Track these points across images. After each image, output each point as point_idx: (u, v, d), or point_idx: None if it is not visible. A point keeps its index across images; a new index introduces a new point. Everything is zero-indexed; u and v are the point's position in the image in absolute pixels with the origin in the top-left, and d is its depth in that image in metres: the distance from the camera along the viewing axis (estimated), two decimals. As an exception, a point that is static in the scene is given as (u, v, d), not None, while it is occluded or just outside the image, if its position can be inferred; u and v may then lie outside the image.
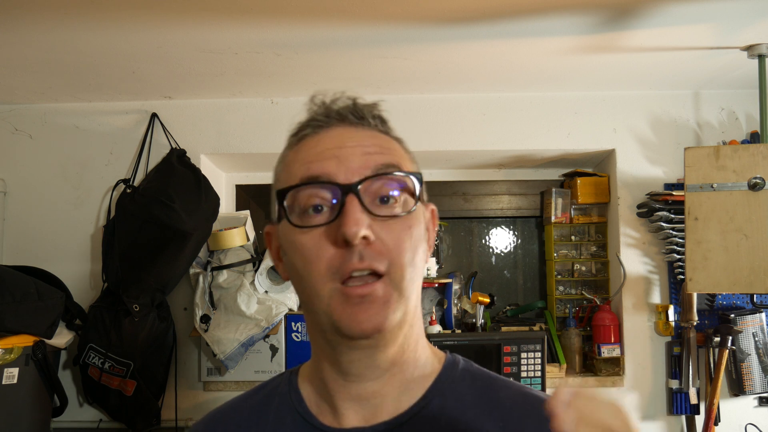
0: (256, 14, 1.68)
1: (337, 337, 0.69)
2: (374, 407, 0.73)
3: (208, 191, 2.26)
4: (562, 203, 2.58)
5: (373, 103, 0.76)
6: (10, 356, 1.93)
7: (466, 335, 2.37)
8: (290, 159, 0.74)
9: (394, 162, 0.71)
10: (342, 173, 0.68)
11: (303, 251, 0.68)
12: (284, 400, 0.78)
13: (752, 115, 2.36)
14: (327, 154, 0.70)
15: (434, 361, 0.78)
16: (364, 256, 0.66)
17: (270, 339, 2.25)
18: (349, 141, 0.71)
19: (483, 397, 0.75)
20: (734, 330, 2.19)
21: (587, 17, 1.72)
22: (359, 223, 0.65)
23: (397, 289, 0.68)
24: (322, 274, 0.67)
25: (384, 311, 0.67)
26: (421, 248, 0.71)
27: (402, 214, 0.69)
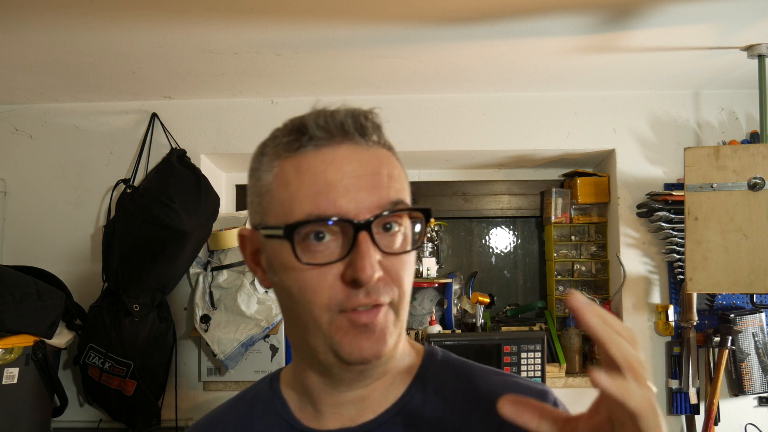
0: (256, 14, 1.68)
1: (333, 360, 0.69)
2: (359, 410, 0.74)
3: (208, 191, 2.26)
4: (562, 203, 2.58)
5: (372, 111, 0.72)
6: (10, 356, 1.93)
7: (466, 335, 2.37)
8: (289, 176, 0.68)
9: (399, 195, 0.69)
10: (353, 207, 0.65)
11: (303, 280, 0.67)
12: (268, 407, 0.79)
13: (752, 115, 2.36)
14: (336, 185, 0.66)
15: (413, 354, 0.79)
16: (371, 291, 0.65)
17: (270, 339, 2.25)
18: (357, 167, 0.67)
19: (464, 386, 0.76)
20: (734, 330, 2.19)
21: (587, 17, 1.72)
22: (375, 267, 0.64)
23: (396, 313, 0.69)
24: (323, 304, 0.66)
25: (384, 338, 0.67)
26: (413, 268, 0.72)
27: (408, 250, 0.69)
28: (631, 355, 0.52)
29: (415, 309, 2.54)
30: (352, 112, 0.69)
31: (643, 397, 0.51)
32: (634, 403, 0.51)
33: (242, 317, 2.20)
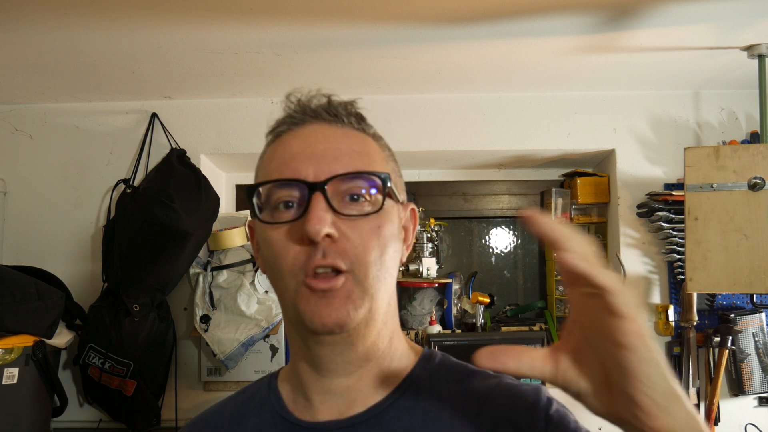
0: (256, 14, 1.68)
1: (304, 331, 0.71)
2: (349, 401, 0.75)
3: (208, 191, 2.26)
4: (562, 203, 2.58)
5: (350, 101, 0.78)
6: (10, 356, 1.93)
7: (466, 335, 2.37)
8: (267, 156, 0.76)
9: (364, 165, 0.72)
10: (312, 172, 0.69)
11: (273, 246, 0.70)
12: (264, 401, 0.80)
13: (752, 115, 2.36)
14: (299, 155, 0.71)
15: (410, 355, 0.79)
16: (327, 253, 0.67)
17: (270, 339, 2.25)
18: (323, 140, 0.72)
19: (459, 387, 0.76)
20: (734, 330, 2.19)
21: (587, 17, 1.72)
22: (321, 221, 0.66)
23: (360, 285, 0.69)
24: (289, 269, 0.69)
25: (345, 306, 0.68)
26: (391, 247, 0.72)
27: (369, 212, 0.70)
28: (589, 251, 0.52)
29: (415, 309, 2.54)
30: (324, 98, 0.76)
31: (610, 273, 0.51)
32: (602, 277, 0.50)
33: (242, 317, 2.20)
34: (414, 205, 0.81)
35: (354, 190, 0.70)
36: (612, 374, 0.54)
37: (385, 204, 0.71)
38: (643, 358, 0.52)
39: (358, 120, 0.77)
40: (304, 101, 0.77)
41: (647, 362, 0.52)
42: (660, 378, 0.53)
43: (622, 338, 0.51)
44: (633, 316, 0.51)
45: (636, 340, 0.51)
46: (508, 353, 0.56)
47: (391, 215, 0.73)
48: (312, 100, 0.77)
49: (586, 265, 0.50)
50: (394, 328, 0.78)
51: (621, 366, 0.52)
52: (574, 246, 0.51)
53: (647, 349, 0.52)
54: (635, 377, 0.52)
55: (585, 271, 0.50)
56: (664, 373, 0.53)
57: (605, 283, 0.50)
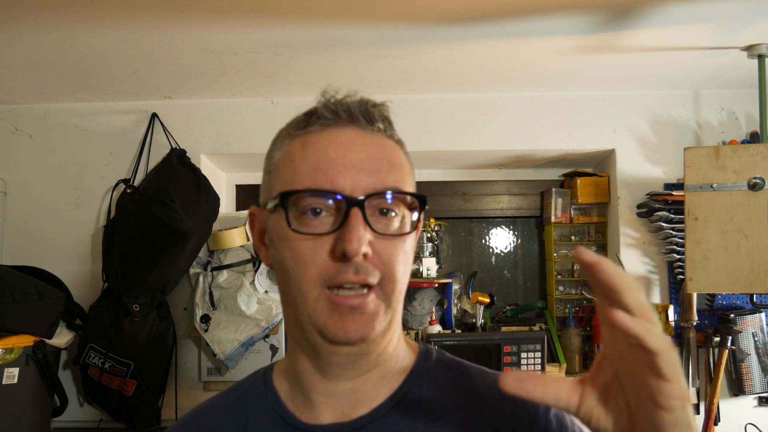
0: (256, 14, 1.68)
1: (319, 340, 0.70)
2: (351, 403, 0.74)
3: (208, 191, 2.26)
4: (562, 203, 2.58)
5: (383, 104, 0.76)
6: (10, 356, 1.93)
7: (466, 335, 2.37)
8: (295, 153, 0.71)
9: (398, 181, 0.70)
10: (349, 185, 0.67)
11: (297, 253, 0.68)
12: (260, 399, 0.78)
13: (752, 115, 2.36)
14: (336, 163, 0.68)
15: (409, 353, 0.79)
16: (360, 269, 0.66)
17: (270, 339, 2.24)
18: (359, 149, 0.70)
19: (458, 385, 0.76)
20: (734, 330, 2.19)
21: (587, 17, 1.72)
22: (362, 240, 0.65)
23: (387, 300, 0.69)
24: (313, 279, 0.67)
25: (372, 322, 0.68)
26: (410, 260, 0.72)
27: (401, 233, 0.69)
28: (643, 302, 0.52)
29: (415, 309, 2.54)
30: (360, 99, 0.73)
31: (659, 335, 0.51)
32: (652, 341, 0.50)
33: (242, 317, 2.20)
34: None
35: (385, 204, 0.69)
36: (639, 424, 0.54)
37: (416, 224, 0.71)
38: (678, 420, 0.52)
39: (388, 126, 0.75)
40: (340, 101, 0.73)
41: (681, 426, 0.52)
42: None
43: (662, 399, 0.51)
44: (677, 380, 0.51)
45: (675, 403, 0.52)
46: (536, 382, 0.56)
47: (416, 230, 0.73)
48: (347, 101, 0.74)
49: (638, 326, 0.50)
50: (399, 331, 0.78)
51: (653, 423, 0.53)
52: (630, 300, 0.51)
53: (685, 413, 0.52)
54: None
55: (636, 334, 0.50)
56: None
57: (654, 346, 0.50)
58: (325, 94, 0.74)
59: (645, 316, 0.51)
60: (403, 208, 0.70)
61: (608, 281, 0.51)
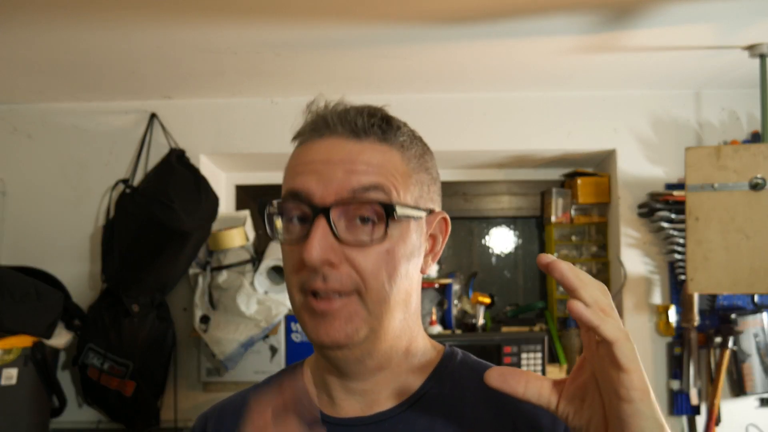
0: (256, 14, 1.68)
1: None
2: (370, 401, 0.75)
3: (208, 191, 2.26)
4: (563, 203, 2.57)
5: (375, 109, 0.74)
6: (9, 357, 1.92)
7: (467, 336, 2.36)
8: (289, 165, 0.74)
9: (378, 182, 0.68)
10: (319, 192, 0.67)
11: (285, 259, 0.72)
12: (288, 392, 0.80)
13: (753, 115, 2.36)
14: (311, 168, 0.69)
15: (433, 353, 0.80)
16: (328, 278, 0.67)
17: (269, 339, 2.24)
18: (336, 155, 0.69)
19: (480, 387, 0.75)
20: (735, 330, 2.19)
21: (587, 17, 1.72)
22: (316, 249, 0.65)
23: (366, 308, 0.69)
24: (295, 285, 0.70)
25: (345, 328, 0.68)
26: (404, 267, 0.70)
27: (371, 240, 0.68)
28: (600, 298, 0.54)
29: (415, 309, 2.53)
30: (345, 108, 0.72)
31: (616, 326, 0.53)
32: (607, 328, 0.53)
33: (242, 318, 2.19)
34: (445, 214, 0.79)
35: (362, 211, 0.68)
36: (610, 421, 0.56)
37: (399, 226, 0.69)
38: (640, 411, 0.54)
39: (384, 129, 0.72)
40: (323, 112, 0.73)
41: (643, 417, 0.54)
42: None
43: (622, 390, 0.53)
44: (633, 369, 0.53)
45: (635, 394, 0.53)
46: (519, 378, 0.59)
47: (404, 234, 0.70)
48: (334, 110, 0.72)
49: (592, 315, 0.53)
50: (411, 335, 0.77)
51: (618, 416, 0.54)
52: (584, 295, 0.54)
53: (645, 404, 0.54)
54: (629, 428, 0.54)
55: (590, 322, 0.53)
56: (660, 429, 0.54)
57: (609, 334, 0.53)
58: (312, 105, 0.74)
59: (603, 311, 0.54)
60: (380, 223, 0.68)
61: (562, 279, 0.55)
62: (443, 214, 0.78)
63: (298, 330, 2.26)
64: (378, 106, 0.75)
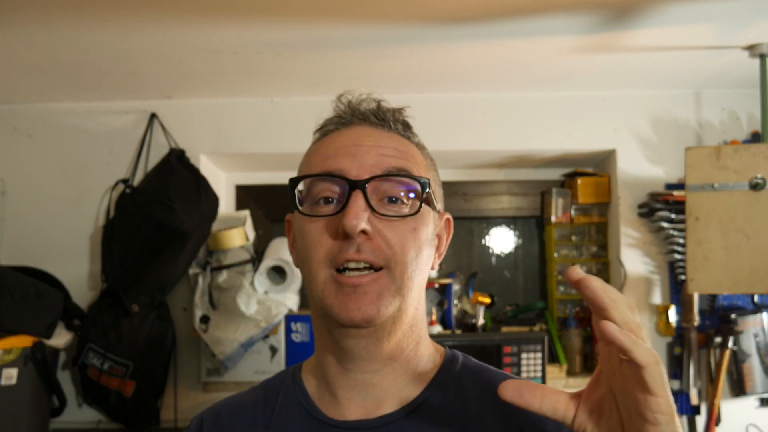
0: (256, 14, 1.68)
1: (331, 323, 0.72)
2: (376, 400, 0.75)
3: (208, 191, 2.26)
4: (563, 203, 2.57)
5: (398, 108, 0.80)
6: (8, 357, 1.92)
7: (467, 336, 2.36)
8: (312, 152, 0.77)
9: (406, 166, 0.73)
10: (354, 170, 0.71)
11: (307, 238, 0.72)
12: (289, 395, 0.80)
13: (753, 115, 2.36)
14: (344, 151, 0.73)
15: (435, 357, 0.80)
16: (362, 249, 0.69)
17: (269, 339, 2.24)
18: (367, 140, 0.74)
19: (483, 389, 0.76)
20: (735, 330, 2.19)
21: (588, 17, 1.72)
22: (359, 216, 0.67)
23: (395, 283, 0.70)
24: (320, 260, 0.70)
25: (376, 303, 0.69)
26: (425, 251, 0.73)
27: (406, 215, 0.71)
28: (630, 318, 0.53)
29: (415, 309, 2.53)
30: (374, 102, 0.78)
31: (648, 350, 0.52)
32: (639, 353, 0.51)
33: (242, 318, 2.19)
34: (449, 215, 0.82)
35: (392, 191, 0.71)
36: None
37: (422, 209, 0.72)
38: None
39: (405, 127, 0.79)
40: (354, 103, 0.79)
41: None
42: None
43: (648, 413, 0.53)
44: (662, 394, 0.53)
45: (661, 418, 0.53)
46: (534, 392, 0.58)
47: (427, 220, 0.74)
48: (362, 104, 0.79)
49: (625, 338, 0.51)
50: (421, 333, 0.78)
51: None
52: (616, 315, 0.53)
53: (670, 428, 0.54)
54: None
55: (623, 345, 0.51)
56: None
57: (641, 359, 0.51)
58: (341, 98, 0.79)
59: (633, 331, 0.53)
60: (415, 199, 0.72)
61: (594, 298, 0.53)
62: (448, 215, 0.81)
63: (298, 330, 2.26)
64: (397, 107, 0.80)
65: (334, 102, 0.79)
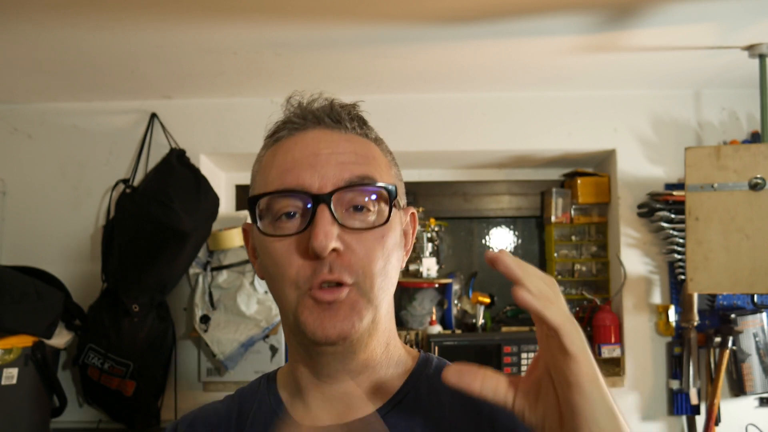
0: (256, 14, 1.68)
1: (304, 340, 0.70)
2: (347, 406, 0.73)
3: (208, 191, 2.26)
4: (563, 203, 2.57)
5: (352, 104, 0.76)
6: (9, 357, 1.92)
7: (467, 335, 2.36)
8: (266, 162, 0.73)
9: (368, 172, 0.70)
10: (316, 182, 0.68)
11: (274, 257, 0.69)
12: (263, 403, 0.79)
13: (753, 115, 2.36)
14: (302, 162, 0.69)
15: (408, 360, 0.79)
16: (334, 267, 0.66)
17: (270, 339, 2.24)
18: (325, 148, 0.70)
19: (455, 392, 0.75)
20: (735, 330, 2.19)
21: (588, 17, 1.72)
22: (328, 236, 0.65)
23: (366, 297, 0.68)
24: (291, 281, 0.68)
25: (350, 318, 0.67)
26: (394, 256, 0.71)
27: (374, 225, 0.69)
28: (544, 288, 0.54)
29: (415, 309, 2.53)
30: (326, 101, 0.74)
31: (561, 312, 0.53)
32: (551, 314, 0.53)
33: (242, 317, 2.19)
34: (414, 209, 0.80)
35: (357, 200, 0.69)
36: (564, 413, 0.55)
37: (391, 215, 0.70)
38: (590, 397, 0.53)
39: (361, 124, 0.75)
40: (305, 105, 0.75)
41: (594, 402, 0.53)
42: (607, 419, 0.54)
43: (571, 377, 0.53)
44: (580, 355, 0.53)
45: (583, 380, 0.53)
46: (475, 374, 0.58)
47: (393, 224, 0.71)
48: (313, 104, 0.75)
49: (536, 301, 0.53)
50: (390, 335, 0.77)
51: (569, 405, 0.54)
52: (529, 284, 0.54)
53: (595, 390, 0.53)
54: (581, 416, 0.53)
55: (536, 309, 0.53)
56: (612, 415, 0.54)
57: (554, 321, 0.53)
58: (291, 100, 0.76)
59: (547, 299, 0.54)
60: (380, 203, 0.70)
61: (507, 272, 0.55)
62: (412, 209, 0.79)
63: (298, 330, 2.25)
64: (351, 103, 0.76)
65: (284, 104, 0.75)
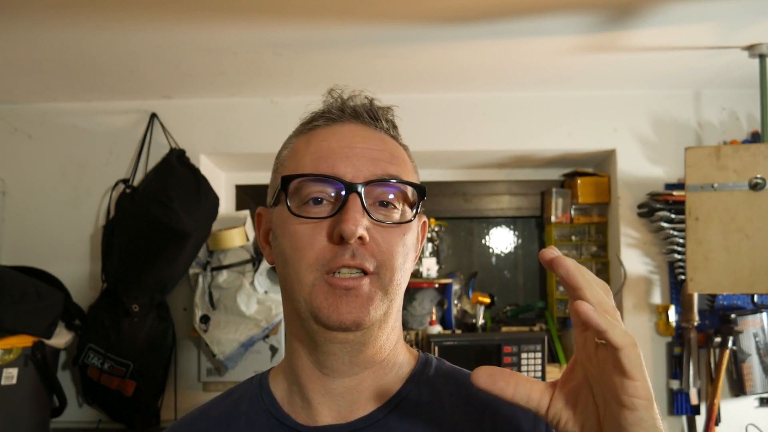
0: (256, 14, 1.68)
1: (315, 327, 0.70)
2: (349, 404, 0.73)
3: (208, 191, 2.26)
4: (563, 203, 2.57)
5: (388, 107, 0.78)
6: (9, 357, 1.92)
7: (466, 335, 2.36)
8: (299, 147, 0.75)
9: (398, 172, 0.72)
10: (349, 172, 0.69)
11: (295, 238, 0.69)
12: (255, 402, 0.78)
13: (753, 115, 2.36)
14: (338, 153, 0.71)
15: (410, 359, 0.79)
16: (357, 254, 0.67)
17: (270, 339, 2.24)
18: (360, 142, 0.72)
19: (458, 392, 0.75)
20: (735, 330, 2.19)
21: (588, 17, 1.72)
22: (357, 222, 0.66)
23: (383, 289, 0.69)
24: (310, 263, 0.68)
25: (366, 307, 0.68)
26: (411, 255, 0.73)
27: (399, 222, 0.71)
28: (605, 300, 0.52)
29: (415, 309, 2.53)
30: (366, 99, 0.76)
31: (624, 331, 0.51)
32: (615, 334, 0.50)
33: (242, 318, 2.19)
34: (426, 219, 0.81)
35: (385, 196, 0.70)
36: (606, 427, 0.54)
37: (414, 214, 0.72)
38: (642, 420, 0.52)
39: (393, 128, 0.78)
40: (344, 99, 0.77)
41: (645, 426, 0.52)
42: None
43: (625, 397, 0.51)
44: (639, 377, 0.51)
45: (638, 402, 0.51)
46: (508, 379, 0.56)
47: (413, 225, 0.73)
48: (353, 99, 0.77)
49: (601, 321, 0.50)
50: (399, 334, 0.78)
51: (617, 423, 0.52)
52: (591, 296, 0.51)
53: (648, 413, 0.52)
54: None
55: (598, 326, 0.50)
56: None
57: (617, 340, 0.50)
58: (332, 92, 0.77)
59: (608, 313, 0.51)
60: (404, 203, 0.72)
61: (567, 277, 0.52)
62: (425, 218, 0.81)
63: (298, 330, 2.25)
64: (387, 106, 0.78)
65: (325, 95, 0.77)
